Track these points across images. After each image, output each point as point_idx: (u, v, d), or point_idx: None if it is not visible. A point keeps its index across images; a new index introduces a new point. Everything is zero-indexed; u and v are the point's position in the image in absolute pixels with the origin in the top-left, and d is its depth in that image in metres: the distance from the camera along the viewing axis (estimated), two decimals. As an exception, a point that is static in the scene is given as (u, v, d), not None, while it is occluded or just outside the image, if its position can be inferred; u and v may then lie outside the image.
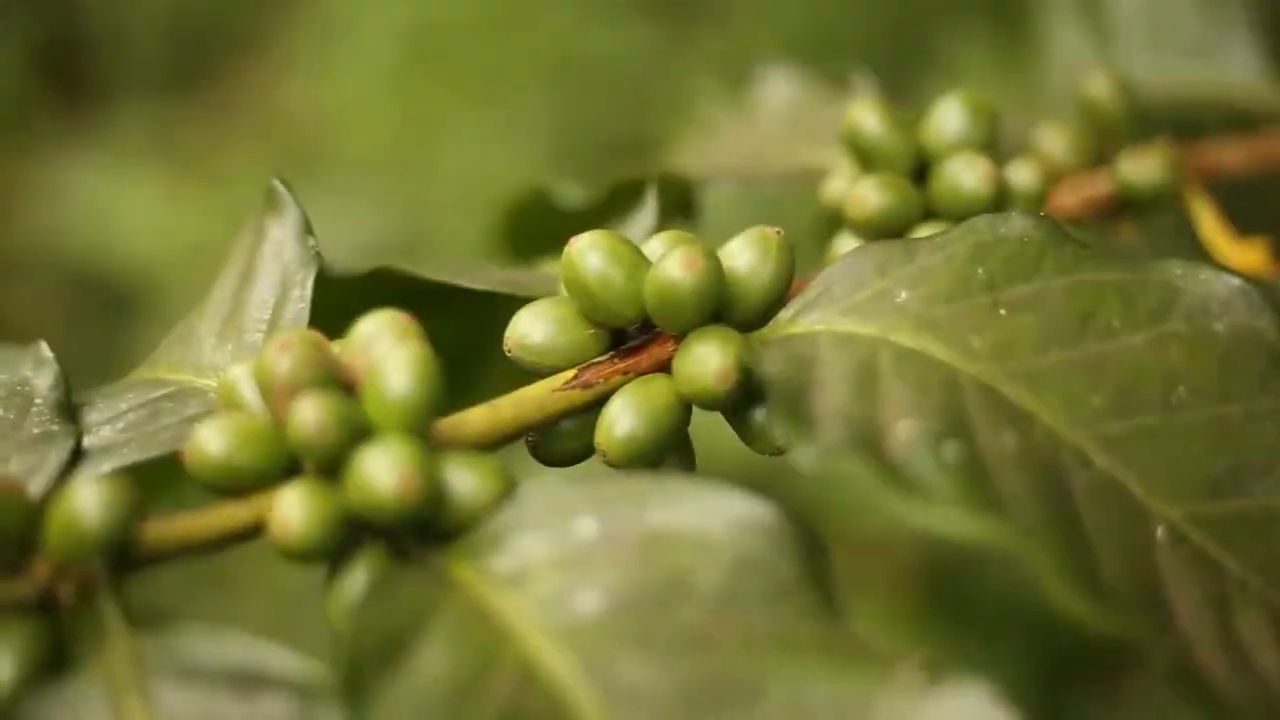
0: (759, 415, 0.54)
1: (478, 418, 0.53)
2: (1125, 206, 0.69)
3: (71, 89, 2.47)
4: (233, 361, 0.57)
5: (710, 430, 0.58)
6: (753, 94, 0.83)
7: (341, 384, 0.51)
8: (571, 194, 0.79)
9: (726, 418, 0.55)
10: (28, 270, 2.29)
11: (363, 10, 2.33)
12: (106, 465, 0.54)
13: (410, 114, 2.24)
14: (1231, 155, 0.74)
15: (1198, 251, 0.70)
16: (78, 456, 0.55)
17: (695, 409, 0.54)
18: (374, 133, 2.26)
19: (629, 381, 0.54)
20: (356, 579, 0.49)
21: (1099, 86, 0.71)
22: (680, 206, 0.77)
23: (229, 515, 0.50)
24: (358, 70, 2.29)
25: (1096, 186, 0.69)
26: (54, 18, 2.49)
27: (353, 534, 0.49)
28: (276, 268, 0.59)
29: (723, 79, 0.89)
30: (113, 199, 2.21)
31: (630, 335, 0.55)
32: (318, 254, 0.59)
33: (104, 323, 2.14)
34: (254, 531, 0.50)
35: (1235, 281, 0.53)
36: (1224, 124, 0.80)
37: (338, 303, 0.60)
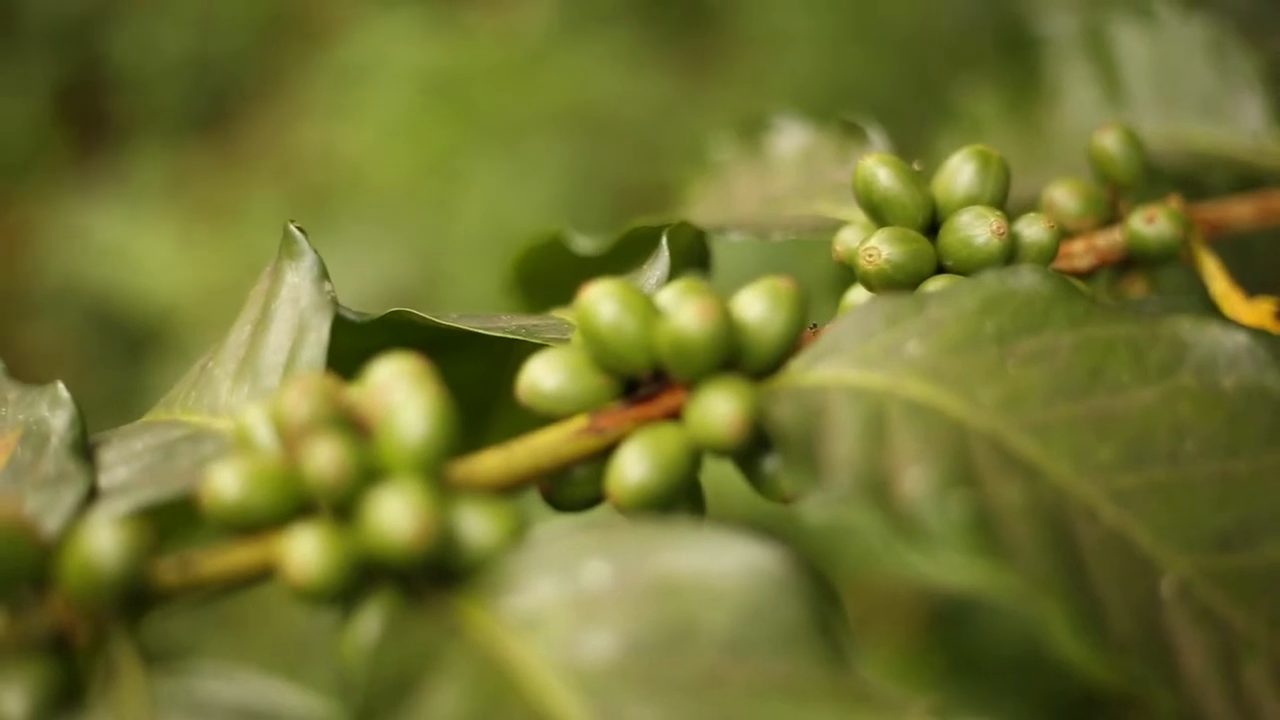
0: (769, 463, 0.54)
1: (492, 462, 0.53)
2: (1135, 262, 0.70)
3: (89, 132, 2.49)
4: (248, 404, 0.57)
5: (719, 480, 0.58)
6: (766, 143, 0.84)
7: (356, 427, 0.51)
8: (583, 244, 0.80)
9: (737, 465, 0.55)
10: (45, 310, 2.30)
11: (379, 56, 2.35)
12: (122, 505, 0.54)
13: (425, 160, 2.25)
14: (1240, 212, 0.74)
15: (1208, 308, 0.70)
16: (93, 496, 0.55)
17: (706, 457, 0.55)
18: (389, 178, 2.27)
19: (641, 429, 0.55)
20: (370, 621, 0.49)
21: (1111, 141, 0.71)
22: (694, 255, 0.77)
23: (243, 556, 0.50)
24: (373, 115, 2.31)
25: (1108, 241, 0.70)
26: (73, 62, 2.51)
27: (365, 576, 0.49)
28: (293, 312, 0.59)
29: (736, 129, 0.89)
30: (129, 241, 2.22)
31: (642, 383, 0.56)
32: (334, 299, 0.59)
33: (119, 363, 2.15)
34: (268, 572, 0.50)
35: (1243, 337, 0.53)
36: (1233, 181, 0.80)
37: (353, 346, 0.60)
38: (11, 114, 2.45)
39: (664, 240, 0.63)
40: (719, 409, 0.52)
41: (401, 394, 0.50)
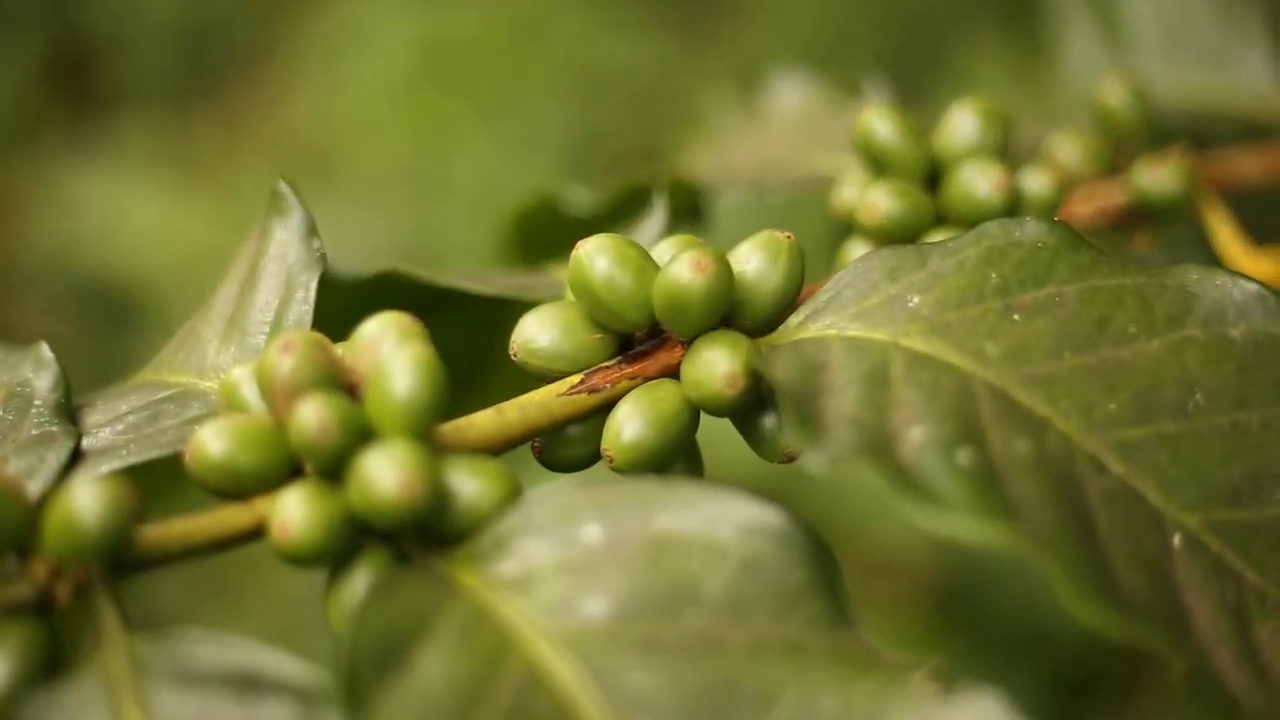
0: (768, 421, 0.53)
1: (483, 421, 0.52)
2: (1140, 215, 0.69)
3: (80, 99, 2.47)
4: (235, 363, 0.56)
5: (707, 444, 0.57)
6: (764, 101, 0.83)
7: (344, 386, 0.50)
8: (580, 198, 0.79)
9: (735, 424, 0.54)
10: (36, 279, 2.29)
11: (373, 22, 2.33)
12: (106, 467, 0.53)
13: (421, 126, 2.23)
14: (1246, 165, 0.73)
15: (1212, 261, 0.69)
16: (77, 458, 0.54)
17: (703, 416, 0.54)
18: (384, 144, 2.26)
19: (636, 386, 0.53)
20: (357, 583, 0.48)
21: (1114, 93, 0.70)
22: (689, 212, 0.76)
23: (229, 517, 0.49)
24: (368, 82, 2.29)
25: (1111, 195, 0.69)
26: (63, 29, 2.50)
27: (354, 537, 0.48)
28: (281, 269, 0.58)
29: (734, 88, 0.88)
30: (121, 209, 2.21)
31: (637, 340, 0.55)
32: (322, 256, 0.58)
33: (111, 331, 2.13)
34: (254, 534, 0.49)
35: (1252, 287, 0.52)
36: (1238, 134, 0.79)
37: (343, 308, 0.59)
38: (-1, 83, 2.43)
39: (659, 195, 0.62)
40: (716, 364, 0.51)
41: (389, 351, 0.49)
